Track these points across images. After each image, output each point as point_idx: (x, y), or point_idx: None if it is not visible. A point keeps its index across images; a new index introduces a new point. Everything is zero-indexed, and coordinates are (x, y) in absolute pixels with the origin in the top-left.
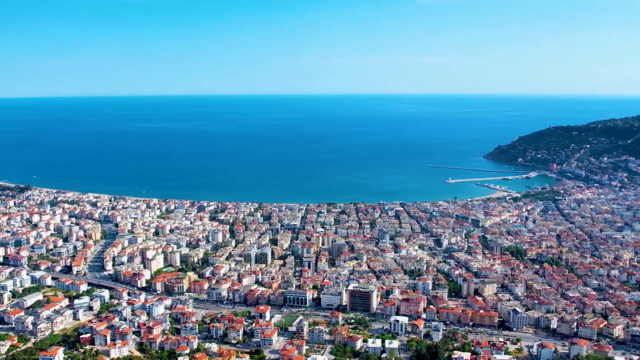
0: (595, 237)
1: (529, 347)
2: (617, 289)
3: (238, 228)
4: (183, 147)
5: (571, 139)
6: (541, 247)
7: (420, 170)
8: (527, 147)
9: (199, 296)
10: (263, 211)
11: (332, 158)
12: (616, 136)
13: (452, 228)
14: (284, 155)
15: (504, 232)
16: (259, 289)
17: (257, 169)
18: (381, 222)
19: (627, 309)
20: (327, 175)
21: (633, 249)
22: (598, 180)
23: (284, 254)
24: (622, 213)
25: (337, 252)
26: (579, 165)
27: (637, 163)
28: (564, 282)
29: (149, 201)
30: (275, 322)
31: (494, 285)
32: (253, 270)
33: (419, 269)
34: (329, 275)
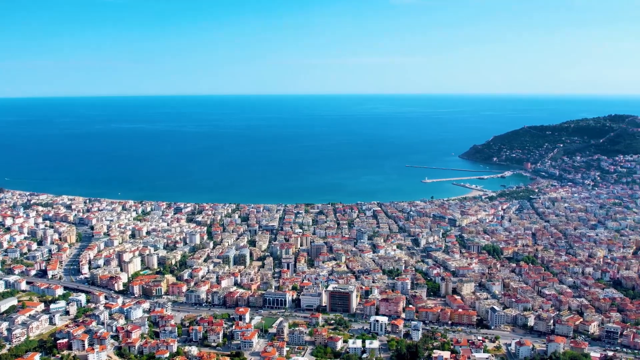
0: (570, 235)
1: (507, 344)
2: (591, 286)
3: (216, 229)
4: (159, 148)
5: (545, 139)
6: (517, 245)
7: (396, 170)
8: (502, 146)
9: (178, 299)
10: (241, 212)
11: (310, 158)
12: (588, 135)
13: (429, 227)
14: (261, 155)
15: (481, 231)
16: (238, 291)
17: (234, 169)
18: (359, 222)
19: (601, 306)
20: (304, 176)
21: (606, 246)
22: (571, 179)
23: (262, 255)
24: (595, 211)
25: (316, 252)
26: (552, 165)
27: (609, 162)
28: (540, 280)
29: (124, 203)
30: (255, 324)
31: (472, 284)
32: (232, 272)
33: (397, 268)
34: (308, 276)
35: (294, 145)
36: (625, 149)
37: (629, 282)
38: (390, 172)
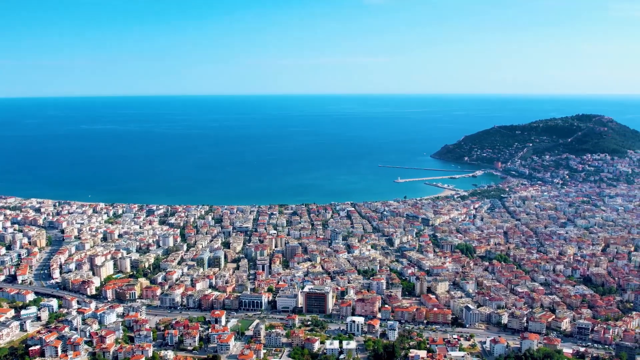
0: (540, 233)
1: (482, 342)
2: (562, 284)
3: (189, 232)
4: (130, 149)
5: (514, 138)
6: (489, 244)
7: (369, 170)
8: (473, 146)
9: (152, 302)
10: (214, 214)
11: (282, 159)
12: (557, 135)
13: (403, 227)
14: (234, 156)
15: (454, 230)
16: (214, 294)
17: (207, 170)
18: (333, 223)
19: (572, 303)
20: (277, 176)
21: (576, 244)
22: (541, 178)
23: (237, 257)
24: (565, 209)
25: (291, 253)
26: (522, 164)
27: (577, 161)
28: (513, 278)
29: (95, 206)
30: (231, 326)
31: (446, 283)
32: (206, 274)
33: (372, 268)
34: (284, 277)
35: (267, 145)
36: (592, 148)
37: (599, 278)
38: (363, 172)
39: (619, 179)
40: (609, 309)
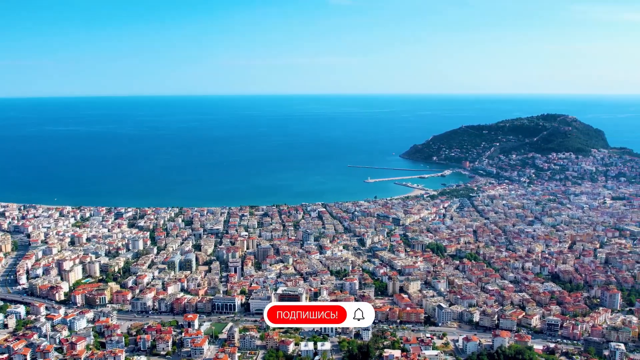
0: (509, 231)
1: (454, 341)
2: (531, 281)
3: (159, 234)
4: (96, 151)
5: (482, 138)
6: (460, 243)
7: (339, 170)
8: (441, 146)
9: (123, 307)
10: (184, 216)
11: (252, 159)
12: (523, 134)
13: (374, 227)
14: (202, 157)
15: (424, 229)
16: (186, 297)
17: (175, 172)
18: (305, 224)
19: (542, 300)
20: (247, 178)
21: (544, 241)
22: (508, 177)
23: (208, 259)
24: (532, 208)
25: (263, 255)
26: (490, 163)
27: (543, 160)
28: (483, 276)
29: (61, 209)
30: (204, 330)
31: (418, 282)
32: (178, 277)
33: (344, 269)
34: (256, 279)
35: (235, 146)
36: (557, 147)
37: (566, 275)
38: (333, 173)
39: (583, 177)
40: (577, 305)
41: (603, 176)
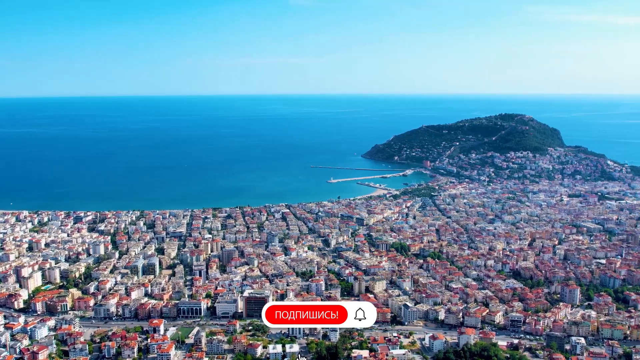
0: (471, 229)
1: (421, 339)
2: (494, 278)
3: (120, 238)
4: (53, 154)
5: (442, 137)
6: (423, 242)
7: (302, 170)
8: (402, 145)
9: (85, 314)
10: (146, 219)
11: (214, 161)
12: (482, 134)
13: (338, 228)
14: (163, 159)
15: (388, 229)
16: (150, 302)
17: (136, 174)
18: (269, 225)
19: (504, 296)
20: (209, 179)
21: (504, 239)
22: (468, 176)
23: (172, 263)
24: (492, 206)
25: (227, 258)
26: (450, 162)
27: (501, 159)
28: (447, 274)
29: (18, 214)
30: (171, 335)
31: (384, 282)
32: (141, 282)
33: (310, 270)
34: (222, 282)
35: (197, 147)
36: (515, 146)
37: (527, 272)
38: (295, 173)
39: (540, 176)
40: (538, 301)
41: (559, 174)
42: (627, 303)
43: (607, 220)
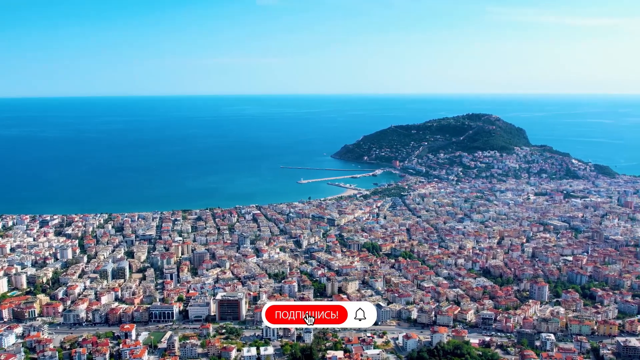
0: (441, 229)
1: (394, 339)
2: (464, 277)
3: (89, 242)
4: (15, 156)
5: (410, 137)
6: (394, 241)
7: (272, 171)
8: (372, 145)
9: (54, 320)
10: (114, 222)
11: (182, 162)
12: (450, 133)
13: (309, 228)
14: (131, 160)
15: (359, 229)
16: (121, 307)
17: (103, 177)
18: (240, 227)
19: (475, 295)
20: (178, 181)
21: (474, 238)
22: (437, 175)
23: (142, 266)
24: (461, 205)
25: (199, 260)
26: (419, 162)
27: (469, 158)
28: (418, 273)
29: None
30: (143, 340)
31: (356, 282)
32: (111, 286)
33: (282, 271)
34: (193, 285)
35: (165, 148)
36: (483, 145)
37: (497, 270)
38: (265, 174)
39: (507, 175)
40: (508, 299)
41: (526, 173)
42: (594, 299)
43: (573, 218)
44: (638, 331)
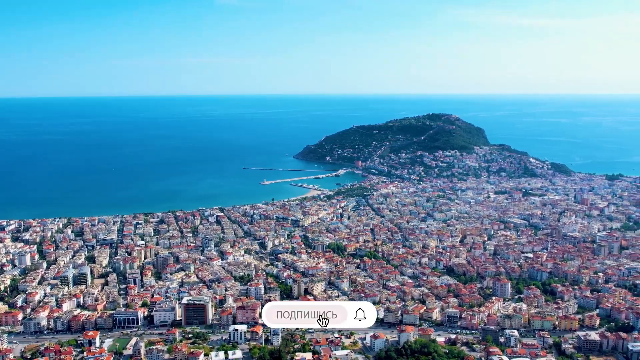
0: (404, 228)
1: (362, 339)
2: (429, 275)
3: (47, 248)
4: None
5: (372, 137)
6: (359, 242)
7: (234, 173)
8: (334, 146)
9: (14, 329)
10: (74, 226)
11: (143, 164)
12: (411, 133)
13: (274, 230)
14: (90, 163)
15: (323, 230)
16: (84, 314)
17: (61, 180)
18: (203, 229)
19: (440, 293)
20: (140, 183)
21: (437, 237)
22: (399, 175)
23: (104, 272)
24: (423, 204)
25: (162, 264)
26: (381, 162)
27: (430, 157)
28: (384, 273)
29: None
30: (108, 347)
31: (322, 283)
32: (73, 293)
33: (248, 274)
34: (158, 290)
35: (126, 150)
36: (443, 145)
37: (460, 268)
38: (228, 176)
39: (468, 174)
40: (472, 297)
41: (486, 172)
42: (555, 295)
43: (532, 216)
44: (597, 325)
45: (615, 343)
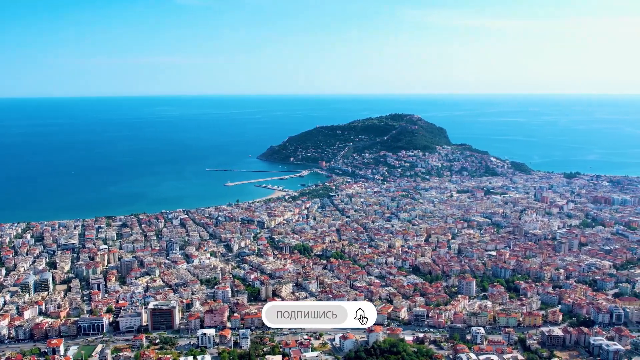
0: (369, 228)
1: (331, 340)
2: (395, 275)
3: (6, 254)
4: None
5: (336, 138)
6: (325, 242)
7: (197, 174)
8: (298, 146)
9: None
10: (33, 231)
11: (102, 167)
12: (374, 133)
13: (239, 232)
14: (47, 166)
15: (289, 231)
16: (47, 321)
17: (18, 183)
18: (167, 232)
19: (406, 292)
20: (100, 186)
21: (402, 236)
22: (363, 175)
23: (66, 277)
24: (388, 204)
25: (127, 269)
26: (345, 162)
27: (394, 157)
28: (350, 273)
29: None
30: (73, 355)
31: (290, 285)
32: (34, 300)
33: (214, 277)
34: (123, 295)
35: (84, 153)
36: (406, 145)
37: (426, 267)
38: (191, 177)
39: (431, 173)
40: (439, 295)
41: (448, 171)
42: (518, 292)
43: (494, 214)
44: (560, 321)
45: (577, 338)
